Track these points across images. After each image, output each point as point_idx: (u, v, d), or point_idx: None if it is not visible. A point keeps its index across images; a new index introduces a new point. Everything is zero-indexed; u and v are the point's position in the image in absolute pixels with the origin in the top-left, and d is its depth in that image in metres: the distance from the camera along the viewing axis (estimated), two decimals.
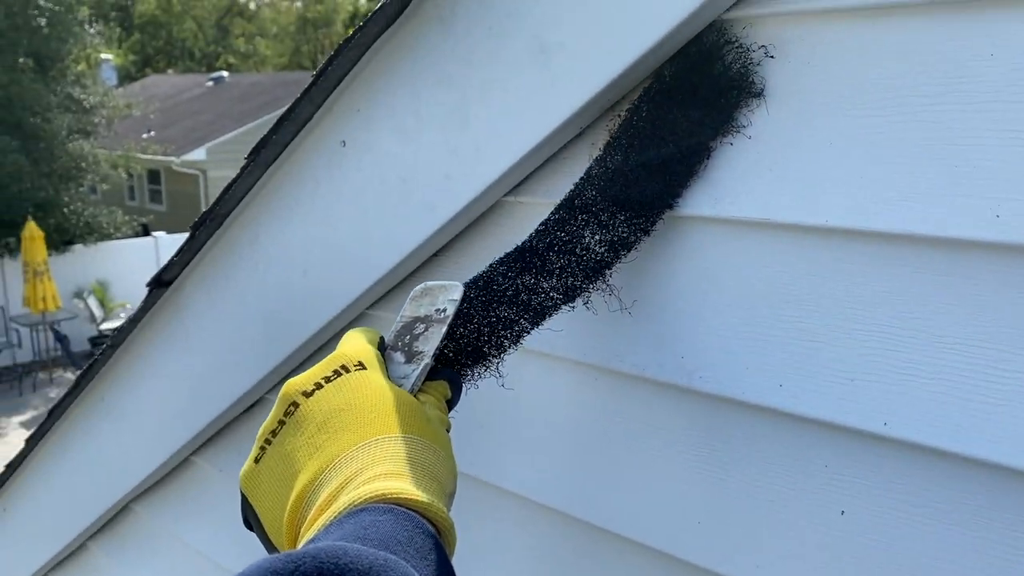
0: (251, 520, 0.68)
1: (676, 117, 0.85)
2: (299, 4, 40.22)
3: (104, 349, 1.55)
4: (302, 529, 0.61)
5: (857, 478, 0.78)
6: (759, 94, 0.81)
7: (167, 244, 14.01)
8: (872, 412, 0.76)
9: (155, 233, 14.98)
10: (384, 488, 0.58)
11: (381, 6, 1.00)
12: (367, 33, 1.03)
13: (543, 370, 1.02)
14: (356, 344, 0.73)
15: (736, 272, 0.84)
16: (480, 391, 0.85)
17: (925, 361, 0.73)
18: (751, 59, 0.81)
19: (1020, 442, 0.69)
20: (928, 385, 0.73)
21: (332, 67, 1.06)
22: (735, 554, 0.87)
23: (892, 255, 0.74)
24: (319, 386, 0.67)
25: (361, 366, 0.69)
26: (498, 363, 0.83)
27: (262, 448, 0.67)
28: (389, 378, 0.70)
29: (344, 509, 0.57)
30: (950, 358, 0.72)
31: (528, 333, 0.85)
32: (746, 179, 0.82)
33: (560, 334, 0.95)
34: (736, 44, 0.81)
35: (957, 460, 0.72)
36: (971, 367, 0.71)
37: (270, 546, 0.66)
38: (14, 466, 1.85)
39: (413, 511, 0.57)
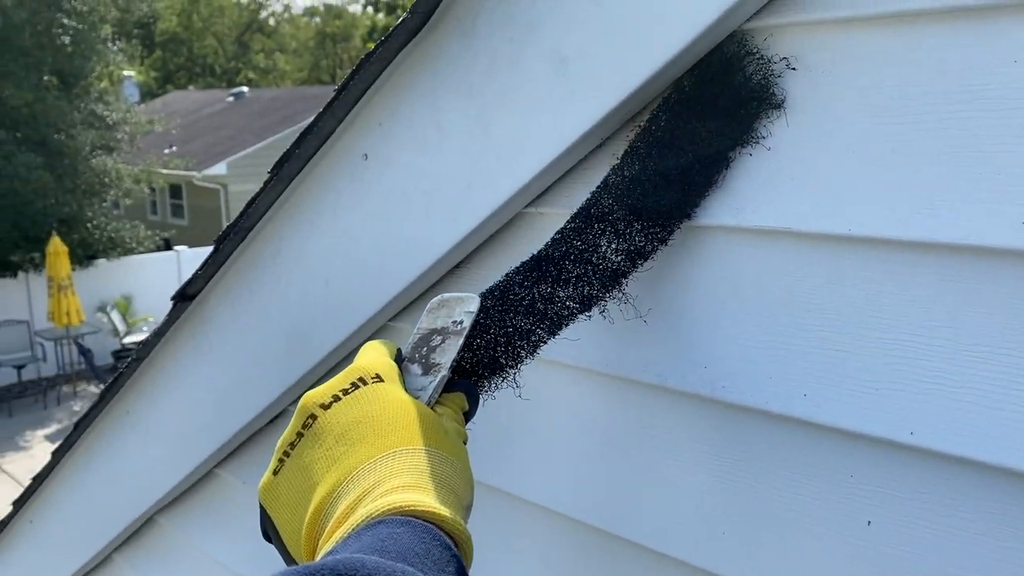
0: (270, 532, 0.68)
1: (695, 127, 0.85)
2: (318, 20, 40.60)
3: (129, 362, 1.57)
4: (320, 541, 0.61)
5: (883, 488, 0.78)
6: (779, 105, 0.81)
7: (189, 258, 14.15)
8: (898, 421, 0.75)
9: (177, 247, 15.13)
10: (402, 500, 0.58)
11: (403, 20, 1.00)
12: (389, 47, 1.03)
13: (564, 380, 1.02)
14: (374, 356, 0.73)
15: (758, 281, 0.84)
16: (501, 402, 0.85)
17: (952, 370, 0.72)
18: (772, 71, 0.81)
19: None
20: (955, 394, 0.72)
21: (354, 81, 1.07)
22: (760, 565, 0.86)
23: (916, 263, 0.74)
24: (337, 398, 0.68)
25: (378, 378, 0.69)
26: (515, 373, 0.83)
27: (281, 460, 0.68)
28: (406, 390, 0.71)
29: (362, 521, 0.57)
30: (977, 366, 0.71)
31: (545, 343, 0.85)
32: (767, 188, 0.82)
33: (582, 345, 0.95)
34: (757, 55, 0.81)
35: (985, 469, 0.72)
36: (999, 375, 0.70)
37: (289, 558, 0.67)
38: (41, 478, 1.87)
39: (431, 523, 0.57)
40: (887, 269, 0.76)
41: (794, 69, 0.80)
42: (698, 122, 0.84)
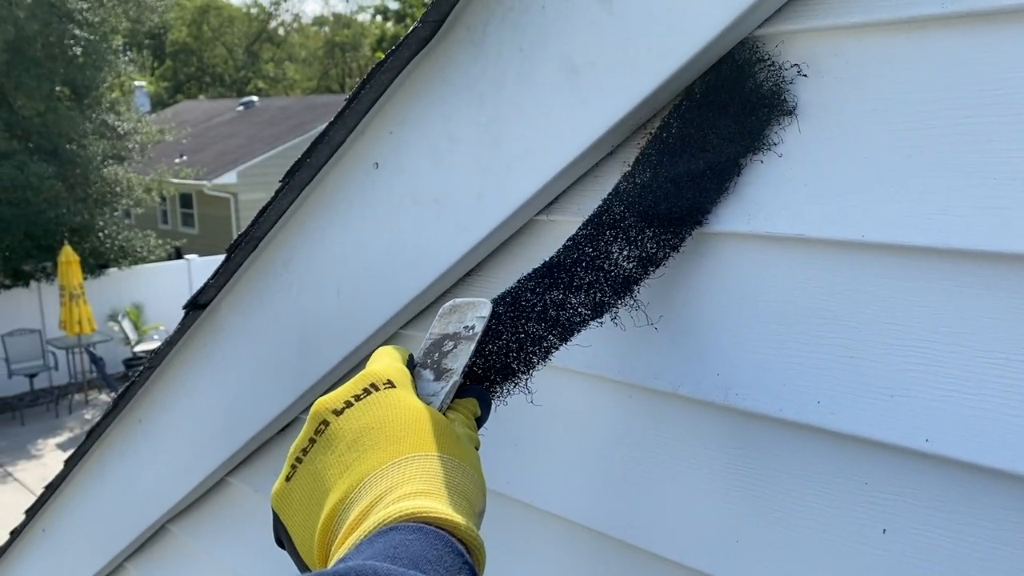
0: (283, 538, 0.68)
1: (706, 134, 0.85)
2: (327, 29, 40.79)
3: (141, 371, 1.58)
4: (333, 547, 0.61)
5: (899, 496, 0.77)
6: (791, 112, 0.80)
7: (199, 267, 14.21)
8: (913, 428, 0.75)
9: (187, 256, 15.20)
10: (414, 507, 0.58)
11: (413, 29, 1.01)
12: (399, 56, 1.04)
13: (576, 387, 1.02)
14: (385, 362, 0.73)
15: (771, 288, 0.84)
16: (514, 409, 0.85)
17: (967, 376, 0.72)
18: (783, 77, 0.80)
19: None
20: (971, 401, 0.72)
21: (365, 90, 1.08)
22: (773, 573, 0.86)
23: (930, 269, 0.74)
24: (349, 404, 0.68)
25: (390, 384, 0.69)
26: (527, 379, 0.83)
27: (293, 466, 0.68)
28: (418, 395, 0.71)
29: (374, 528, 0.57)
30: (992, 373, 0.70)
31: (557, 349, 0.85)
32: (779, 195, 0.82)
33: (594, 351, 0.95)
34: (768, 62, 0.81)
35: (1002, 477, 0.71)
36: (1015, 382, 0.69)
37: (301, 564, 0.67)
38: (53, 487, 1.88)
39: (443, 530, 0.57)
40: (902, 275, 0.75)
41: (805, 75, 0.80)
42: (709, 129, 0.84)
